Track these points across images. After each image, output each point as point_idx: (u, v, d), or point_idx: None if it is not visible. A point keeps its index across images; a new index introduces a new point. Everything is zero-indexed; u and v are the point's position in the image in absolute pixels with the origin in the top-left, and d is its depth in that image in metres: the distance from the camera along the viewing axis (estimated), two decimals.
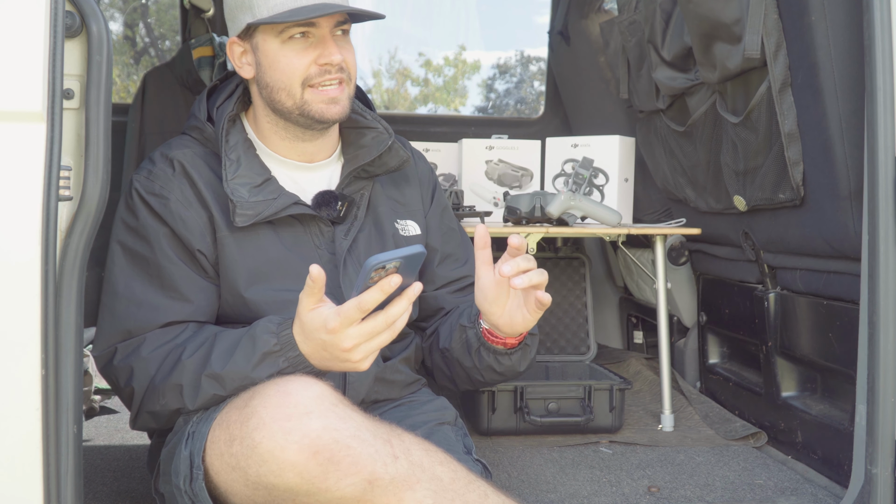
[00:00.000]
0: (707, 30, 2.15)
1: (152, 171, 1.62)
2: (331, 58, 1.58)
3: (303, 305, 1.37)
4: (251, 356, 1.43)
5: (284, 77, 1.60)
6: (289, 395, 1.32)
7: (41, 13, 1.28)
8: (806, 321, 2.20)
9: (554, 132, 3.53)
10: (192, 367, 1.47)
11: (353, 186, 1.72)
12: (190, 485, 1.42)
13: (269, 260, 1.60)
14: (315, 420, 1.28)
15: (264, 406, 1.31)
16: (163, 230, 1.58)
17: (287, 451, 1.27)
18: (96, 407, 2.58)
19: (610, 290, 3.63)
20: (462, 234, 1.92)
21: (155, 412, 1.52)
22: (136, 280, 1.58)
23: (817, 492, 1.99)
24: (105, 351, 1.57)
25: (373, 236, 1.72)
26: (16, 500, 1.29)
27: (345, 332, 1.33)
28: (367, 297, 1.29)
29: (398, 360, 1.72)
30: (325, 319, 1.34)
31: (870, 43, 1.59)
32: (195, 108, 1.70)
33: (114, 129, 1.44)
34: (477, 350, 1.63)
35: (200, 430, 1.43)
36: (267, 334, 1.44)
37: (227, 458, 1.35)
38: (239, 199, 1.56)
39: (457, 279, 1.84)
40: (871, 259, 1.62)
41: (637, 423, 2.60)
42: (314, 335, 1.37)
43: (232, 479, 1.35)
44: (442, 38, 21.90)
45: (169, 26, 13.13)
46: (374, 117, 1.75)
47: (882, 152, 1.58)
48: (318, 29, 1.59)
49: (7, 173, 1.27)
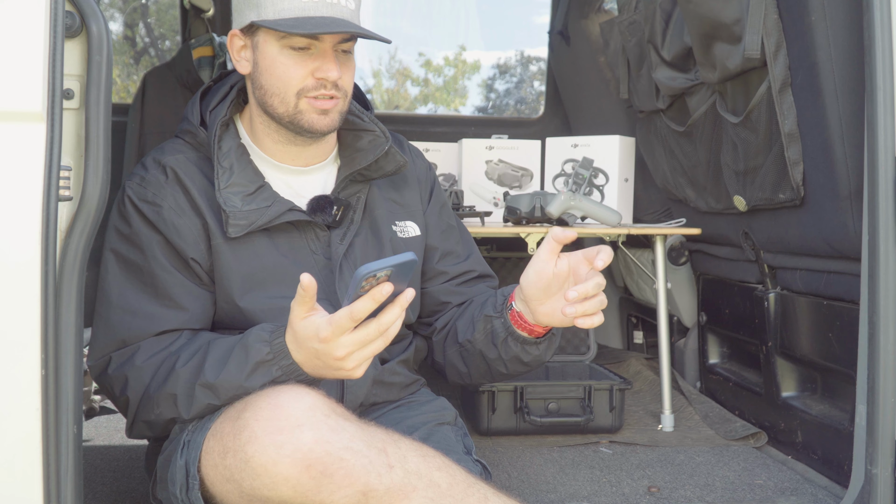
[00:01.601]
0: (707, 30, 2.15)
1: (145, 178, 1.60)
2: (328, 73, 1.56)
3: (294, 314, 1.36)
4: (244, 366, 1.42)
5: (280, 84, 1.58)
6: (280, 407, 1.31)
7: (41, 13, 1.28)
8: (806, 321, 2.20)
9: (554, 132, 3.53)
10: (185, 376, 1.46)
11: (350, 190, 1.70)
12: (186, 494, 1.41)
13: (264, 267, 1.59)
14: (307, 433, 1.27)
15: (256, 419, 1.31)
16: (156, 238, 1.57)
17: (279, 466, 1.26)
18: (96, 407, 2.58)
19: (610, 290, 3.63)
20: (462, 230, 1.91)
21: (150, 421, 1.52)
22: (129, 289, 1.57)
23: (817, 492, 1.99)
24: (100, 360, 1.57)
25: (369, 240, 1.70)
26: (16, 500, 1.29)
27: (337, 341, 1.32)
28: (358, 306, 1.28)
29: (396, 362, 1.72)
30: (318, 328, 1.33)
31: (870, 43, 1.59)
32: (188, 111, 1.67)
33: (114, 129, 1.44)
34: (504, 340, 1.61)
35: (196, 440, 1.43)
36: (259, 343, 1.42)
37: (222, 470, 1.34)
38: (232, 209, 1.54)
39: (458, 274, 1.83)
40: (871, 259, 1.62)
41: (637, 423, 2.60)
42: (306, 344, 1.36)
43: (227, 491, 1.35)
44: (442, 38, 21.88)
45: (169, 26, 13.12)
46: (372, 119, 1.74)
47: (882, 152, 1.58)
48: (321, 43, 1.57)
49: (7, 173, 1.27)
